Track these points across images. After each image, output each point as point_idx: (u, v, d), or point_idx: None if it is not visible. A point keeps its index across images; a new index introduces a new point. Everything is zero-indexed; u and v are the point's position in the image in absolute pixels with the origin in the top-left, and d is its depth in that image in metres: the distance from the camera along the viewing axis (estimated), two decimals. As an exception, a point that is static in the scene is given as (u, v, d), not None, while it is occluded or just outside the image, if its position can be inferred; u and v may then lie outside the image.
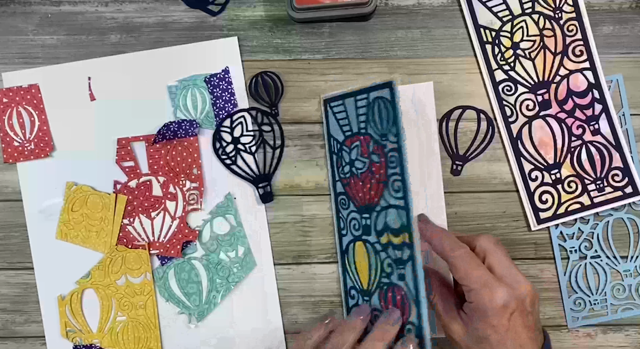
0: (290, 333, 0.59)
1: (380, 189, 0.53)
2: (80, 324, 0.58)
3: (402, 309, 0.51)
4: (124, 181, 0.58)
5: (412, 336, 0.50)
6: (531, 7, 0.59)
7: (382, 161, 0.53)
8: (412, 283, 0.50)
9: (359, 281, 0.56)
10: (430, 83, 0.58)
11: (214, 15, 0.59)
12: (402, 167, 0.51)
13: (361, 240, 0.55)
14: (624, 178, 0.58)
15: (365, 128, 0.54)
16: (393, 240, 0.52)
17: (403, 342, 0.49)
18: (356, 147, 0.55)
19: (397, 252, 0.52)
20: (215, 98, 0.59)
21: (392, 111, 0.52)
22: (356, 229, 0.56)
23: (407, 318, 0.51)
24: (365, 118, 0.54)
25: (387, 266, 0.53)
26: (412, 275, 0.50)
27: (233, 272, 0.58)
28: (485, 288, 0.48)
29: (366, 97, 0.54)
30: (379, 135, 0.53)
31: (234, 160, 0.58)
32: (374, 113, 0.53)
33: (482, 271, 0.49)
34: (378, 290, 0.54)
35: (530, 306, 0.49)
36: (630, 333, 0.59)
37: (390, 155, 0.52)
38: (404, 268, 0.51)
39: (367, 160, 0.54)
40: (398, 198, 0.51)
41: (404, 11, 0.59)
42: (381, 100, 0.53)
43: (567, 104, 0.58)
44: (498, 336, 0.48)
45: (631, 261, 0.59)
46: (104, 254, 0.58)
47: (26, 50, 0.59)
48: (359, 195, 0.55)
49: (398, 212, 0.51)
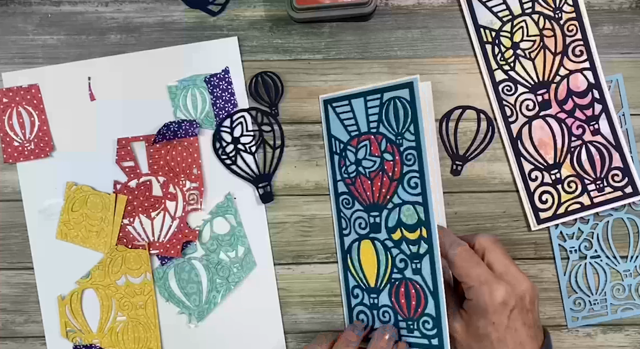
0: (290, 333, 0.59)
1: (393, 187, 0.54)
2: (80, 324, 0.58)
3: (417, 302, 0.52)
4: (124, 181, 0.58)
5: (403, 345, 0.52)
6: (531, 7, 0.59)
7: (396, 159, 0.53)
8: (429, 277, 0.51)
9: (364, 280, 0.56)
10: (429, 83, 0.58)
11: (214, 15, 0.59)
12: (422, 164, 0.52)
13: (368, 238, 0.56)
14: (624, 178, 0.58)
15: (376, 127, 0.55)
16: (408, 236, 0.53)
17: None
18: (364, 146, 0.56)
19: (413, 247, 0.52)
20: (215, 98, 0.59)
21: (410, 111, 0.53)
22: (362, 227, 0.56)
23: (422, 311, 0.52)
24: (377, 117, 0.55)
25: (400, 261, 0.53)
26: (430, 268, 0.51)
27: (233, 272, 0.58)
28: (485, 286, 0.48)
29: (379, 97, 0.54)
30: (394, 134, 0.53)
31: (234, 160, 0.58)
32: (388, 113, 0.54)
33: (482, 268, 0.49)
34: (388, 286, 0.54)
35: (530, 304, 0.49)
36: (630, 332, 0.59)
37: (407, 153, 0.53)
38: (419, 262, 0.52)
39: (379, 159, 0.55)
40: (415, 194, 0.52)
41: (404, 11, 0.59)
42: (398, 99, 0.53)
43: (567, 104, 0.58)
44: (498, 334, 0.48)
45: (631, 261, 0.59)
46: (104, 254, 0.58)
47: (26, 50, 0.59)
48: (367, 193, 0.56)
49: (415, 208, 0.52)
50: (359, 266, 0.57)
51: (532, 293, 0.50)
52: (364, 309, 0.56)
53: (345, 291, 0.58)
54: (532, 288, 0.50)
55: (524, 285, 0.49)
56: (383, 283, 0.55)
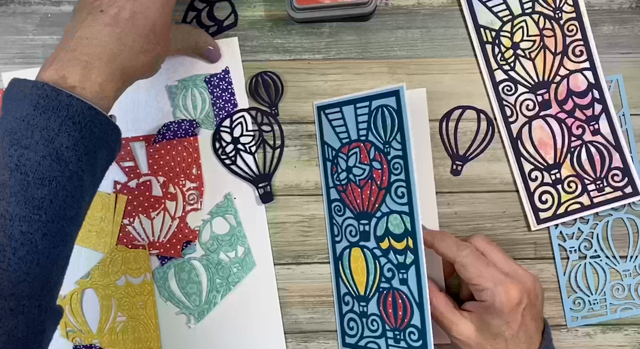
0: (290, 333, 0.59)
1: (381, 195, 0.53)
2: (80, 324, 0.58)
3: (404, 313, 0.52)
4: (124, 181, 0.58)
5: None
6: (531, 7, 0.59)
7: (384, 168, 0.53)
8: (415, 287, 0.51)
9: (354, 287, 0.56)
10: (423, 89, 0.58)
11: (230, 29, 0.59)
12: (408, 174, 0.51)
13: (358, 246, 0.56)
14: (624, 178, 0.58)
15: (366, 135, 0.54)
16: (395, 245, 0.52)
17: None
18: (354, 153, 0.55)
19: (399, 257, 0.52)
20: (215, 98, 0.59)
21: (398, 120, 0.52)
22: (352, 235, 0.56)
23: (408, 322, 0.51)
24: (366, 125, 0.54)
25: (388, 271, 0.53)
26: (416, 279, 0.51)
27: (233, 272, 0.58)
28: (500, 287, 0.49)
29: (367, 105, 0.54)
30: (382, 143, 0.53)
31: (234, 160, 0.58)
32: (377, 121, 0.54)
33: (493, 269, 0.50)
34: (377, 295, 0.54)
35: (535, 299, 0.50)
36: (630, 332, 0.59)
37: (394, 162, 0.52)
38: (406, 273, 0.51)
39: (368, 167, 0.54)
40: (402, 204, 0.52)
41: (404, 11, 0.59)
42: (385, 108, 0.53)
43: (567, 104, 0.58)
44: (512, 332, 0.49)
45: (630, 261, 0.59)
46: (104, 254, 0.58)
47: (26, 50, 0.59)
48: (356, 201, 0.55)
49: (402, 218, 0.52)
50: (349, 273, 0.57)
51: (537, 287, 0.51)
52: (354, 317, 0.56)
53: (337, 297, 0.58)
54: (536, 283, 0.51)
55: (529, 281, 0.50)
56: (372, 291, 0.55)
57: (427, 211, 0.57)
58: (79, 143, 0.42)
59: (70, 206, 0.42)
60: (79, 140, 0.42)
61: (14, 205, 0.39)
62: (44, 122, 0.40)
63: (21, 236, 0.39)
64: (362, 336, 0.56)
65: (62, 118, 0.41)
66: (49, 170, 0.40)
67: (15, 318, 0.39)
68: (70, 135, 0.41)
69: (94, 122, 0.42)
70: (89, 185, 0.44)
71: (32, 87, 0.41)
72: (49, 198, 0.40)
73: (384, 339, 0.54)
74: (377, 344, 0.55)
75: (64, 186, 0.41)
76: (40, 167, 0.40)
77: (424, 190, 0.58)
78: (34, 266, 0.40)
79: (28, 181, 0.40)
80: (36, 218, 0.40)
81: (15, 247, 0.39)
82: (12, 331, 0.39)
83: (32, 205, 0.40)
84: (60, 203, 0.41)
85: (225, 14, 0.59)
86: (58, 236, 0.41)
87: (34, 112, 0.40)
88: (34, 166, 0.40)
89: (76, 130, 0.41)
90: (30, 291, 0.40)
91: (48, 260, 0.41)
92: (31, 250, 0.40)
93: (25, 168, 0.40)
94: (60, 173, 0.41)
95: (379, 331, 0.54)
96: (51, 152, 0.40)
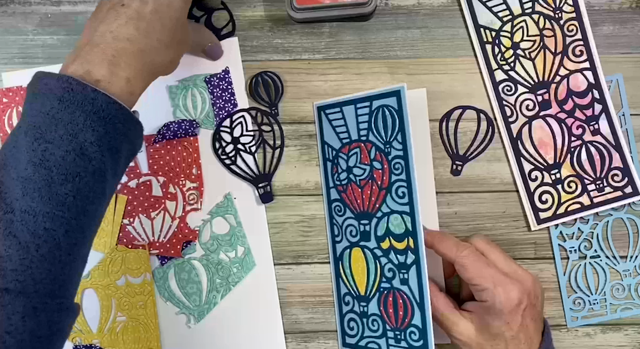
0: (290, 333, 0.59)
1: (381, 195, 0.53)
2: (80, 324, 0.58)
3: (404, 313, 0.52)
4: (124, 181, 0.58)
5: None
6: (531, 7, 0.59)
7: (384, 168, 0.53)
8: (416, 287, 0.51)
9: (355, 287, 0.56)
10: (424, 89, 0.58)
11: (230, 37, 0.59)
12: (409, 174, 0.51)
13: (358, 246, 0.56)
14: (624, 178, 0.58)
15: (366, 135, 0.54)
16: (395, 245, 0.52)
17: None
18: (355, 153, 0.55)
19: (400, 257, 0.52)
20: (215, 98, 0.59)
21: (399, 120, 0.52)
22: (353, 235, 0.56)
23: (409, 322, 0.51)
24: (366, 125, 0.54)
25: (388, 271, 0.53)
26: (417, 279, 0.51)
27: (233, 272, 0.58)
28: (499, 287, 0.49)
29: (368, 105, 0.54)
30: (383, 143, 0.53)
31: (234, 160, 0.58)
32: (378, 121, 0.54)
33: (493, 269, 0.50)
34: (377, 295, 0.54)
35: (535, 299, 0.50)
36: (630, 332, 0.59)
37: (395, 162, 0.52)
38: (407, 273, 0.51)
39: (369, 167, 0.54)
40: (402, 204, 0.52)
41: (404, 11, 0.59)
42: (386, 108, 0.53)
43: (567, 104, 0.58)
44: (512, 332, 0.49)
45: (630, 261, 0.59)
46: (104, 254, 0.58)
47: (26, 50, 0.59)
48: (357, 201, 0.55)
49: (403, 218, 0.52)
50: (350, 273, 0.57)
51: (537, 287, 0.51)
52: (354, 317, 0.56)
53: (337, 297, 0.58)
54: (536, 283, 0.51)
55: (529, 281, 0.50)
56: (372, 291, 0.55)
57: (427, 212, 0.57)
58: (103, 139, 0.41)
59: (91, 203, 0.41)
60: (103, 135, 0.41)
61: (38, 201, 0.39)
62: (68, 116, 0.40)
63: (45, 233, 0.39)
64: (363, 336, 0.56)
65: (87, 112, 0.40)
66: (72, 165, 0.40)
67: (37, 317, 0.38)
68: (95, 130, 0.40)
69: (118, 117, 0.42)
70: (111, 181, 0.43)
71: (57, 81, 0.40)
72: (72, 195, 0.40)
73: (384, 340, 0.54)
74: (377, 344, 0.55)
75: (87, 183, 0.40)
76: (64, 162, 0.40)
77: (424, 190, 0.58)
78: (56, 264, 0.39)
79: (52, 176, 0.39)
80: (59, 214, 0.39)
81: (39, 244, 0.39)
82: (34, 330, 0.38)
83: (55, 201, 0.39)
84: (83, 199, 0.41)
85: (223, 22, 0.59)
86: (79, 233, 0.41)
87: (59, 105, 0.40)
88: (57, 161, 0.39)
89: (101, 125, 0.41)
90: (52, 289, 0.39)
91: (69, 257, 0.40)
92: (54, 248, 0.39)
93: (49, 163, 0.39)
94: (83, 169, 0.40)
95: (379, 331, 0.54)
96: (75, 147, 0.40)
